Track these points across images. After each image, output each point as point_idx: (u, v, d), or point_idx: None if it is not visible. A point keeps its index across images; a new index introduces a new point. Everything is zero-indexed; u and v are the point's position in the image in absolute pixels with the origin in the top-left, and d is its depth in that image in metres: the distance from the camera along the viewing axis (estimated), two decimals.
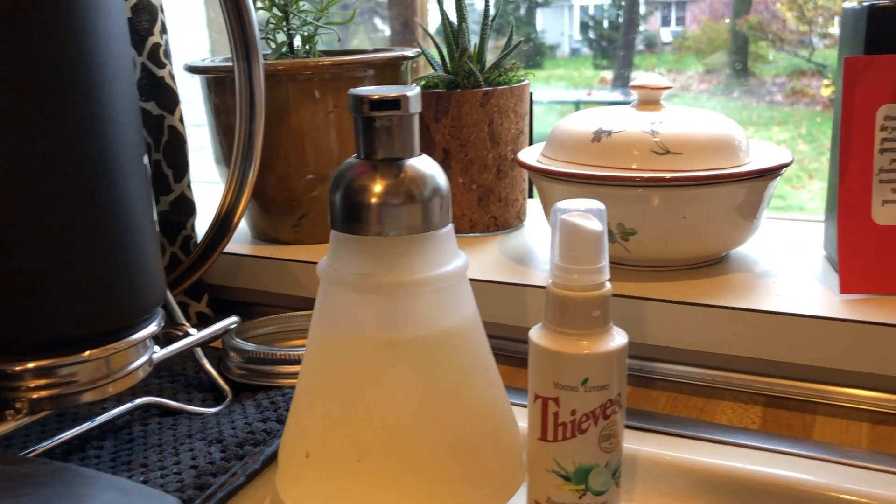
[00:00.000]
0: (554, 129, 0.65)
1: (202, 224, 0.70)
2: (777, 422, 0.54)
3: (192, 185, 0.74)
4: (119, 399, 0.56)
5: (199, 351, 0.60)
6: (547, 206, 0.65)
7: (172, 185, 0.73)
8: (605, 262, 0.44)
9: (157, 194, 0.74)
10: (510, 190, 0.75)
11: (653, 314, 0.57)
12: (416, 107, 0.40)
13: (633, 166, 0.59)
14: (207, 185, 0.87)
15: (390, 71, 0.75)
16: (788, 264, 0.63)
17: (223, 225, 0.69)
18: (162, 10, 0.71)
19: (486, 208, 0.74)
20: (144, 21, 0.69)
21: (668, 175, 0.57)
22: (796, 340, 0.54)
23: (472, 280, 0.64)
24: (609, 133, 0.61)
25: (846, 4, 0.59)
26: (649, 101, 0.64)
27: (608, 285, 0.44)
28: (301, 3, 0.77)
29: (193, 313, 0.75)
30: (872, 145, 0.54)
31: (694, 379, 0.59)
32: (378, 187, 0.40)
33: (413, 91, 0.40)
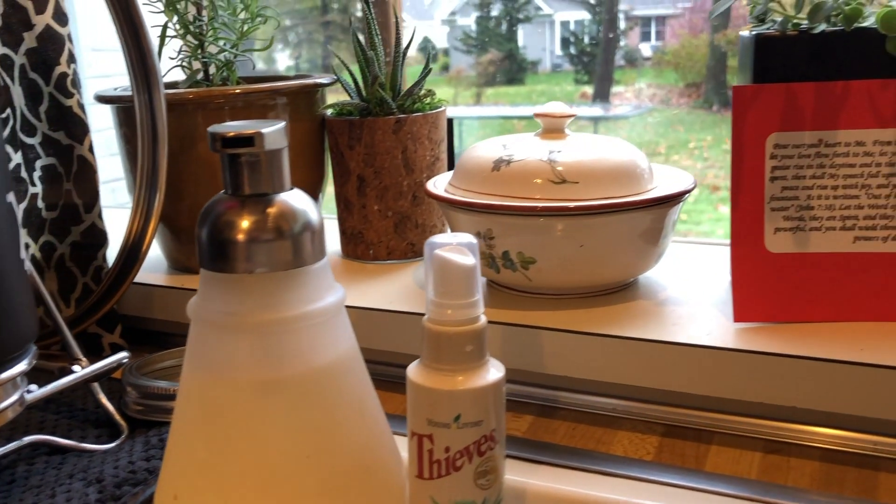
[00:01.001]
0: (461, 157, 0.65)
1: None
2: (672, 452, 0.54)
3: (115, 214, 0.73)
4: (10, 437, 0.55)
5: (95, 386, 0.59)
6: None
7: (83, 215, 0.72)
8: (479, 297, 0.44)
9: (69, 224, 0.73)
10: (427, 216, 0.75)
11: (550, 344, 0.57)
12: (276, 143, 0.40)
13: (532, 195, 0.59)
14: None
15: (304, 98, 0.75)
16: (694, 290, 0.63)
17: (131, 254, 0.68)
18: (70, 40, 0.70)
19: (402, 235, 0.74)
20: (50, 51, 0.69)
21: (561, 204, 0.57)
22: (688, 371, 0.54)
23: (375, 310, 0.64)
24: (508, 162, 0.60)
25: (742, 32, 0.59)
26: (553, 129, 0.64)
27: (483, 319, 0.44)
28: (219, 31, 0.76)
29: (107, 344, 0.74)
30: (763, 173, 0.54)
31: (595, 408, 0.59)
32: (245, 223, 0.40)
33: (272, 127, 0.40)
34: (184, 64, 0.78)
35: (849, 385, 0.50)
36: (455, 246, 0.44)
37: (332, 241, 0.79)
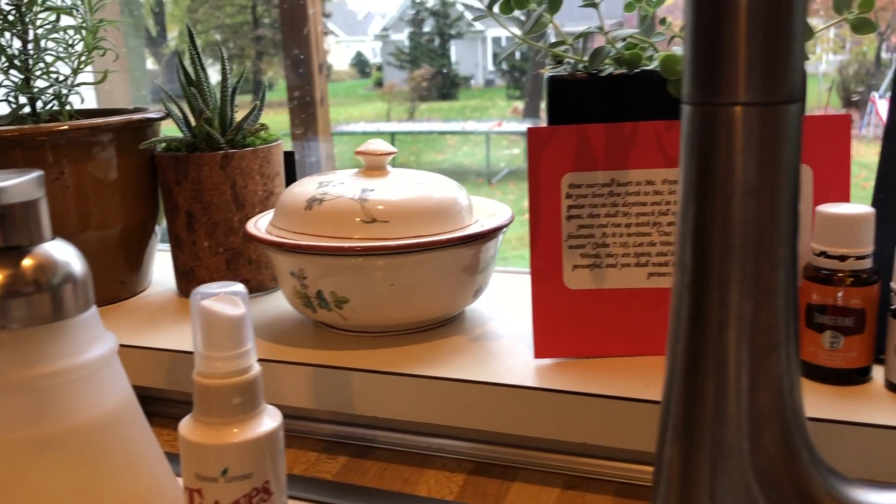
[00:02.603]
0: (281, 195, 0.65)
1: None
2: (475, 490, 0.54)
3: None
4: None
5: None
6: (277, 275, 0.64)
7: None
8: (250, 346, 0.43)
9: None
10: (262, 252, 0.74)
11: (359, 384, 0.57)
12: (27, 194, 0.39)
13: (343, 234, 0.59)
14: None
15: (132, 134, 0.73)
16: (513, 324, 0.64)
17: None
18: None
19: (235, 272, 0.73)
20: None
21: (367, 244, 0.57)
22: (486, 409, 0.54)
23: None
24: (321, 201, 0.60)
25: (544, 73, 0.61)
26: (374, 167, 0.64)
27: (255, 369, 0.43)
28: (51, 65, 0.74)
29: None
30: (560, 212, 0.55)
31: (409, 447, 0.59)
32: None
33: (19, 179, 0.39)
34: (9, 99, 0.75)
35: (633, 421, 0.51)
36: (224, 295, 0.43)
37: (169, 277, 0.77)
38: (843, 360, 0.50)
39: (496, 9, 0.53)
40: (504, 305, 0.68)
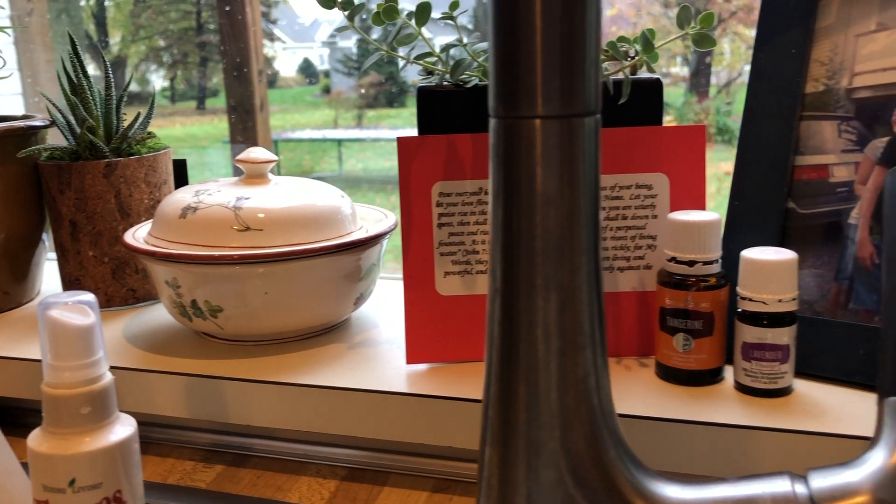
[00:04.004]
0: (160, 204, 0.64)
1: None
2: (346, 496, 0.54)
3: None
4: None
5: None
6: (155, 284, 0.63)
7: None
8: (100, 356, 0.43)
9: None
10: None
11: (232, 393, 0.57)
12: None
13: (217, 243, 0.59)
14: None
15: (14, 142, 0.72)
16: (395, 331, 0.65)
17: None
18: None
19: (122, 281, 0.72)
20: None
21: (236, 253, 0.57)
22: (356, 415, 0.55)
23: None
24: (195, 210, 0.60)
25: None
26: (255, 175, 0.64)
27: (106, 378, 0.43)
28: None
29: None
30: (431, 220, 0.56)
31: (286, 454, 0.59)
32: None
33: None
34: None
35: None
36: (72, 304, 0.43)
37: (59, 287, 0.76)
38: (695, 362, 0.52)
39: (356, 20, 0.53)
40: (391, 312, 0.69)
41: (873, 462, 0.32)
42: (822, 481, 0.32)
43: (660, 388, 0.53)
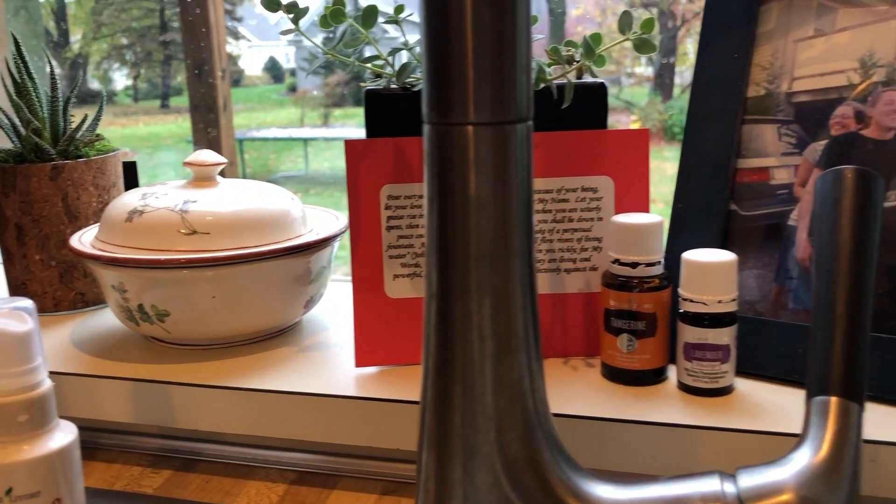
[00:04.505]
0: (107, 208, 0.64)
1: None
2: (294, 499, 0.54)
3: None
4: None
5: None
6: (101, 288, 0.63)
7: None
8: (38, 363, 0.43)
9: None
10: None
11: (178, 397, 0.57)
12: None
13: (163, 247, 0.58)
14: None
15: None
16: (346, 334, 0.64)
17: None
18: None
19: (70, 285, 0.71)
20: None
21: (181, 257, 0.57)
22: (307, 418, 0.55)
23: None
24: (141, 213, 0.60)
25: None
26: (203, 177, 0.64)
27: (45, 384, 0.43)
28: None
29: None
30: (380, 223, 0.56)
31: (234, 458, 0.59)
32: None
33: None
34: None
35: None
36: (9, 311, 0.43)
37: (4, 292, 0.75)
38: (639, 362, 0.53)
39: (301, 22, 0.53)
40: (342, 315, 0.69)
41: (799, 460, 0.33)
42: (749, 480, 0.33)
43: (605, 388, 0.53)
